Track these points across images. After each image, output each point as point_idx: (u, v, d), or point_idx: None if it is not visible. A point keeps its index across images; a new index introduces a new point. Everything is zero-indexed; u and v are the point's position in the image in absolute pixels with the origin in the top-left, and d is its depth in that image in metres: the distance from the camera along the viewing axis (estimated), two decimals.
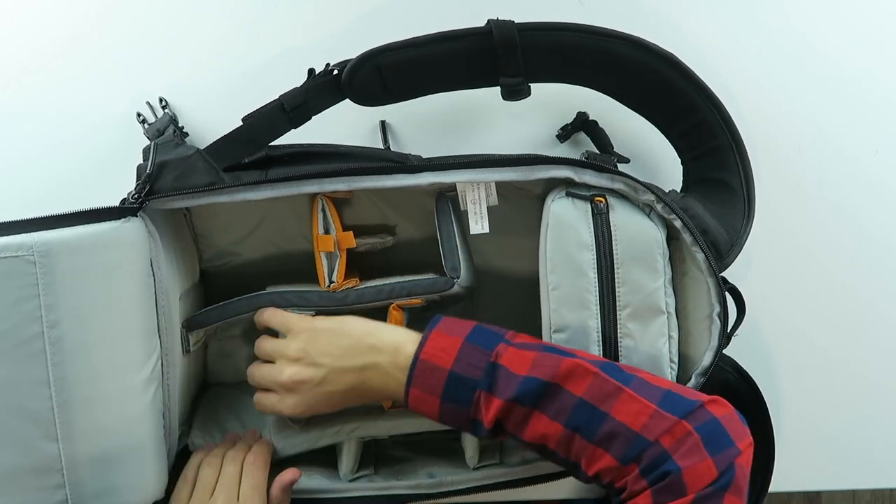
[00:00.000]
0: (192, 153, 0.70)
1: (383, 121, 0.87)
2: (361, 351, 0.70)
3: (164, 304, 0.71)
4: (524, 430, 0.65)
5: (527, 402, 0.64)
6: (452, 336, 0.67)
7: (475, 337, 0.67)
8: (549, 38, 0.74)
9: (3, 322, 0.63)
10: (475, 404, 0.65)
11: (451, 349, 0.66)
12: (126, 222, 0.67)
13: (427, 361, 0.67)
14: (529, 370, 0.64)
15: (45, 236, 0.63)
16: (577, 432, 0.63)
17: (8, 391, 0.64)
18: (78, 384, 0.65)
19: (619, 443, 0.61)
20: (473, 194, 0.76)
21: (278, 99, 0.74)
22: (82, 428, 0.66)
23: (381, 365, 0.69)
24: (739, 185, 0.77)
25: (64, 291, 0.64)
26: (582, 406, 0.62)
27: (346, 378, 0.70)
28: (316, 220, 0.76)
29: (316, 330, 0.73)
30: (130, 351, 0.68)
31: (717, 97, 0.75)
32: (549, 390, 0.63)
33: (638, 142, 0.86)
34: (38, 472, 0.65)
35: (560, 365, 0.64)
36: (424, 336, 0.68)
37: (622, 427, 0.61)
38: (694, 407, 0.61)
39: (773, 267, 0.88)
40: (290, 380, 0.71)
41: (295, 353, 0.72)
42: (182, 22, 0.87)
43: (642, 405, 0.61)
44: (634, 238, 0.72)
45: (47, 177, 0.87)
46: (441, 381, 0.66)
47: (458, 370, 0.66)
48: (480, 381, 0.65)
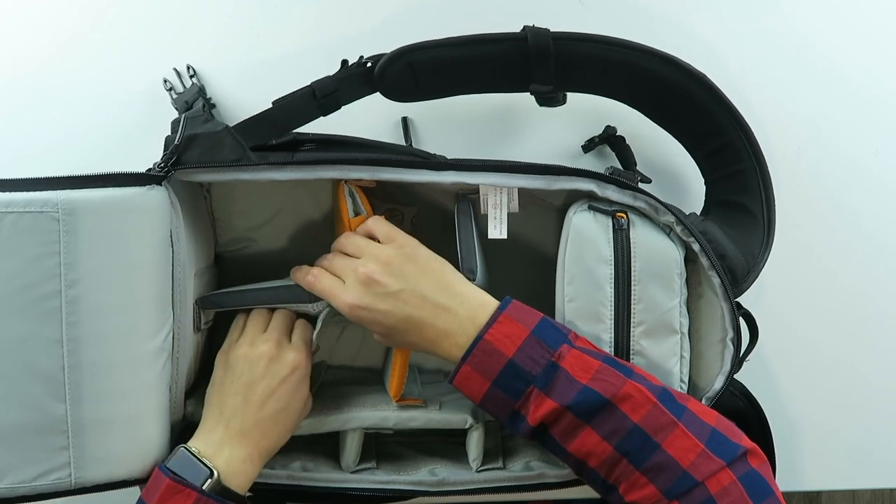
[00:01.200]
0: (221, 129, 0.71)
1: (405, 117, 0.88)
2: (447, 292, 0.69)
3: (181, 277, 0.72)
4: (571, 440, 0.65)
5: (581, 413, 0.64)
6: (519, 324, 0.67)
7: (541, 331, 0.67)
8: (582, 48, 0.75)
9: (23, 277, 0.64)
10: (524, 398, 0.65)
11: (516, 337, 0.66)
12: (151, 189, 0.67)
13: (490, 343, 0.66)
14: (590, 380, 0.64)
15: (70, 195, 0.64)
16: (626, 457, 0.63)
17: (21, 347, 0.64)
18: (90, 346, 0.65)
19: (666, 476, 0.61)
20: (495, 199, 0.76)
21: (310, 85, 0.75)
22: (91, 391, 0.66)
23: (459, 314, 0.68)
24: (760, 211, 0.77)
25: (84, 251, 0.64)
26: (636, 432, 0.63)
27: (418, 305, 0.69)
28: (344, 203, 0.76)
29: (417, 253, 0.71)
30: (144, 318, 0.69)
31: (745, 121, 0.76)
32: (607, 408, 0.63)
33: (664, 161, 0.87)
34: (43, 432, 0.65)
35: (623, 386, 0.64)
36: (493, 316, 0.67)
37: (671, 461, 0.61)
38: (737, 454, 0.62)
39: (772, 266, 0.88)
40: (368, 273, 0.69)
41: (387, 257, 0.70)
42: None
43: (692, 443, 0.62)
44: (653, 256, 0.72)
45: (76, 148, 0.88)
46: (499, 366, 0.66)
47: (519, 361, 0.65)
48: (538, 378, 0.65)
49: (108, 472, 0.68)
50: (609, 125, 0.86)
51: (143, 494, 0.67)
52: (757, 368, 0.81)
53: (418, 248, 0.72)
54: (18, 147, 0.87)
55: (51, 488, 0.66)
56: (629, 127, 0.85)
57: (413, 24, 0.86)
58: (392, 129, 0.88)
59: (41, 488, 0.66)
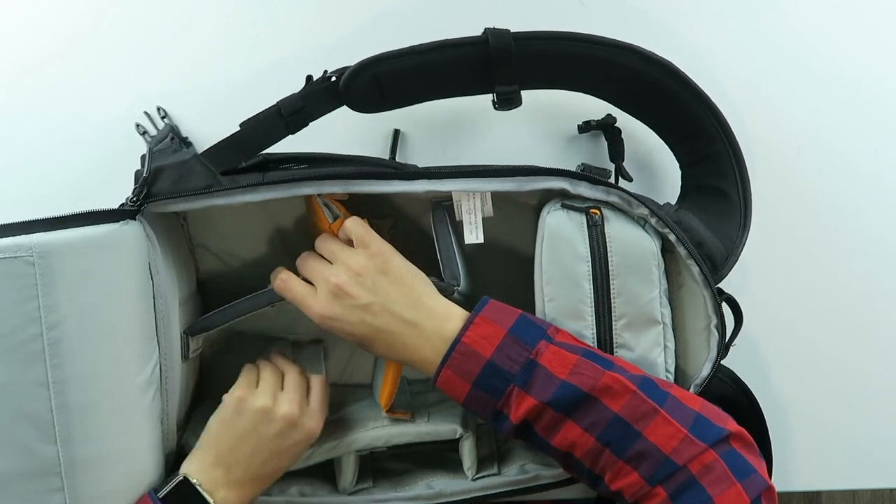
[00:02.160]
0: (190, 157, 0.71)
1: (397, 129, 0.88)
2: (416, 306, 0.70)
3: (163, 309, 0.72)
4: (553, 435, 0.65)
5: (561, 408, 0.64)
6: (496, 324, 0.67)
7: (518, 329, 0.67)
8: (544, 46, 0.74)
9: (3, 323, 0.64)
10: (506, 397, 0.66)
11: (493, 338, 0.67)
12: (125, 225, 0.67)
13: (468, 346, 0.67)
14: (569, 375, 0.65)
15: (43, 238, 0.64)
16: (608, 447, 0.63)
17: (7, 394, 0.64)
18: (77, 387, 0.66)
19: (648, 463, 0.62)
20: (469, 204, 0.76)
21: (276, 105, 0.74)
22: (81, 431, 0.66)
23: (426, 329, 0.69)
24: (736, 194, 0.77)
25: (63, 292, 0.65)
26: (616, 422, 0.63)
27: (387, 320, 0.70)
28: (321, 213, 0.76)
29: (389, 264, 0.72)
30: (129, 354, 0.69)
31: (714, 104, 0.76)
32: (586, 401, 0.64)
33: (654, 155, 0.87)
34: (37, 476, 0.65)
35: (601, 378, 0.64)
36: (470, 319, 0.68)
37: (653, 448, 0.62)
38: (720, 437, 0.63)
39: (772, 268, 0.88)
40: (339, 285, 0.70)
41: (358, 268, 0.71)
42: (181, 26, 0.88)
43: (675, 429, 0.62)
44: (629, 249, 0.73)
45: (48, 182, 0.87)
46: (477, 368, 0.66)
47: (497, 361, 0.66)
48: (517, 377, 0.65)
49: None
50: (610, 114, 0.86)
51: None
52: (757, 369, 0.81)
53: (391, 259, 0.72)
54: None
55: None
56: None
57: (403, 28, 0.86)
58: (376, 140, 0.89)
59: None
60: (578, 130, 0.88)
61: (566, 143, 0.89)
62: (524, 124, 0.89)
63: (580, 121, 0.87)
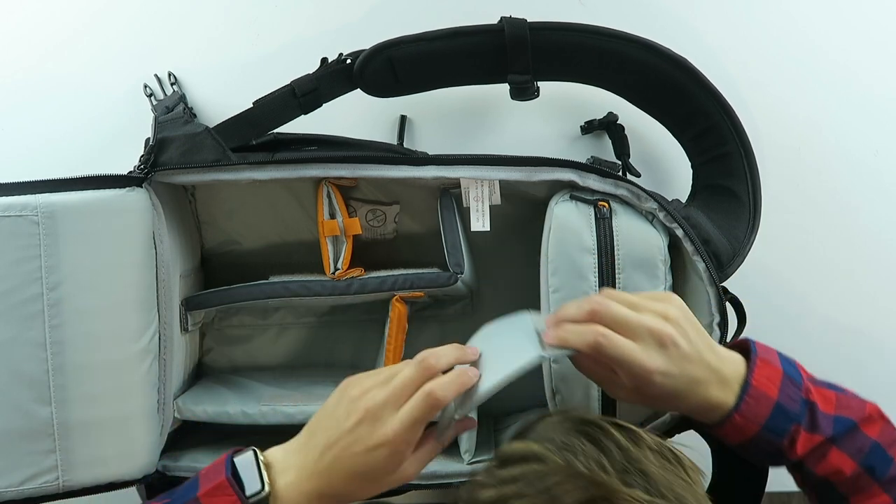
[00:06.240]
0: (201, 130, 0.71)
1: (404, 115, 0.88)
2: (713, 351, 0.64)
3: (165, 278, 0.72)
4: (820, 463, 0.65)
5: (837, 442, 0.65)
6: (772, 364, 0.66)
7: (787, 367, 0.66)
8: (560, 37, 0.75)
9: (4, 281, 0.64)
10: (789, 437, 0.65)
11: (775, 378, 0.65)
12: (130, 191, 0.68)
13: (758, 389, 0.64)
14: (836, 410, 0.66)
15: (49, 198, 0.65)
16: (868, 472, 0.65)
17: (4, 352, 0.65)
18: (74, 348, 0.66)
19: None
20: (476, 191, 0.76)
21: (290, 84, 0.75)
22: (76, 393, 0.66)
23: (722, 370, 0.64)
24: (746, 195, 0.77)
25: (65, 254, 0.65)
26: (876, 448, 0.65)
27: (698, 367, 0.63)
28: (321, 204, 0.76)
29: (687, 309, 0.65)
30: (128, 320, 0.69)
31: (728, 104, 0.76)
32: (853, 431, 0.65)
33: (658, 152, 0.87)
34: (30, 436, 0.66)
35: (864, 409, 0.66)
36: (752, 361, 0.65)
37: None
38: None
39: (773, 266, 0.88)
40: (662, 329, 0.61)
41: (675, 316, 0.63)
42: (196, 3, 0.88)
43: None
44: (636, 244, 0.72)
45: (60, 151, 0.88)
46: (767, 410, 0.64)
47: (782, 401, 0.65)
48: (800, 416, 0.65)
49: (96, 474, 0.68)
50: (611, 112, 0.86)
51: (201, 473, 0.60)
52: None
53: (684, 304, 0.66)
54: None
55: (39, 492, 0.66)
56: (625, 118, 0.86)
57: (404, 18, 0.86)
58: (385, 126, 0.88)
59: (29, 492, 0.66)
60: (581, 132, 0.88)
61: (574, 138, 0.89)
62: (533, 117, 0.89)
63: (590, 116, 0.87)
